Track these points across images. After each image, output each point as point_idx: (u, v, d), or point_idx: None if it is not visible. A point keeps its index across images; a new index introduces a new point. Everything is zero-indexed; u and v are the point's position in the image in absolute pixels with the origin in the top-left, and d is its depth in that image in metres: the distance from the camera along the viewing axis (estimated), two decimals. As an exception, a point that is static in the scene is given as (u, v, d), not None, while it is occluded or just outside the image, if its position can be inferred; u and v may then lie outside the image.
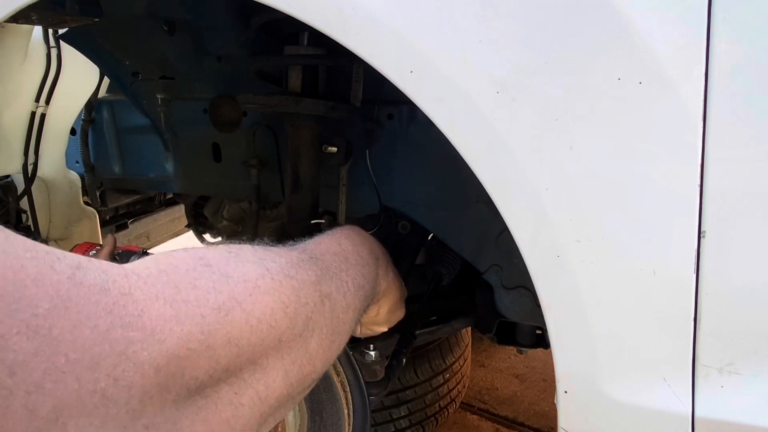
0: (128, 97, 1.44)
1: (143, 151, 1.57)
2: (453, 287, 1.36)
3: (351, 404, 0.83)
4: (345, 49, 0.65)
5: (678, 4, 0.54)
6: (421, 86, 0.62)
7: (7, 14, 0.86)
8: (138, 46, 1.26)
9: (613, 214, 0.59)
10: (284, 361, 0.46)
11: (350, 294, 0.57)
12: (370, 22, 0.63)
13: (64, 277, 0.31)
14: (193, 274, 0.41)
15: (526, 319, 1.14)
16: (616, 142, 0.57)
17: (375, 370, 0.93)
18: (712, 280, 0.57)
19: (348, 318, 0.57)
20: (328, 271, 0.56)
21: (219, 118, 1.33)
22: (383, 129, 1.16)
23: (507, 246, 1.03)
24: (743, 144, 0.55)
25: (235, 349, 0.40)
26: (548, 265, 0.62)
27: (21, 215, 1.61)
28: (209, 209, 1.84)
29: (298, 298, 0.48)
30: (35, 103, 1.54)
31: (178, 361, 0.36)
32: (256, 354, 0.43)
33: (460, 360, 1.89)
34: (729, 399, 0.59)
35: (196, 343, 0.37)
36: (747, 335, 0.58)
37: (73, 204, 1.76)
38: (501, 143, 0.61)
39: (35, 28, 1.46)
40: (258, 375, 0.43)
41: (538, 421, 2.15)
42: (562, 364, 0.65)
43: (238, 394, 0.41)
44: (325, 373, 0.82)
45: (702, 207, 0.56)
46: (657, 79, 0.55)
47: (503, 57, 0.59)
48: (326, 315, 0.52)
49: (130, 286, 0.35)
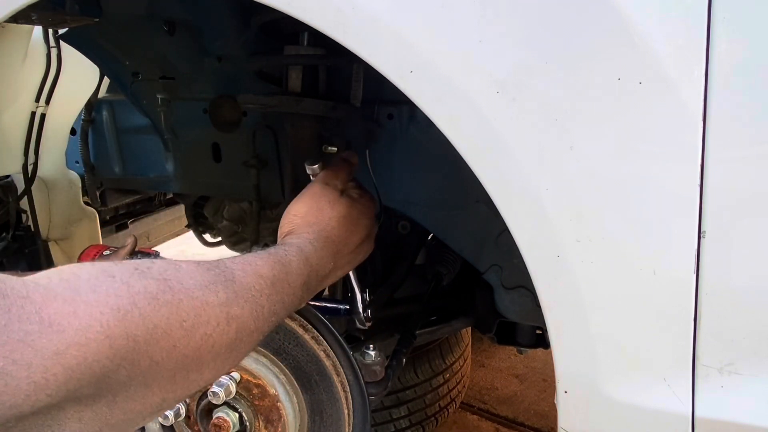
0: (128, 97, 1.44)
1: (143, 151, 1.57)
2: (453, 287, 1.36)
3: (351, 404, 0.83)
4: (345, 49, 0.64)
5: (678, 4, 0.54)
6: (421, 86, 0.62)
7: (7, 14, 0.86)
8: (138, 46, 1.26)
9: (613, 214, 0.59)
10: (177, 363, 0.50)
11: (261, 319, 0.60)
12: (370, 22, 0.63)
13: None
14: (94, 282, 0.45)
15: (526, 319, 1.14)
16: (616, 142, 0.57)
17: (375, 370, 0.93)
18: (712, 280, 0.57)
19: (252, 339, 0.60)
20: (245, 293, 0.59)
21: (219, 118, 1.33)
22: (383, 129, 1.16)
23: (507, 246, 1.03)
24: (743, 144, 0.55)
25: (132, 343, 0.45)
26: (548, 265, 0.62)
27: (21, 215, 1.61)
28: (209, 209, 1.84)
29: (197, 316, 0.51)
30: (35, 103, 1.54)
31: (78, 348, 0.40)
32: (150, 350, 0.47)
33: (460, 360, 1.89)
34: (729, 399, 0.59)
35: (94, 333, 0.42)
36: (747, 335, 0.58)
37: (73, 204, 1.76)
38: (501, 143, 0.61)
39: (35, 28, 1.45)
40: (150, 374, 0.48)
41: (538, 421, 2.15)
42: (562, 364, 0.65)
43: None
44: (325, 373, 0.82)
45: (702, 207, 0.56)
46: (657, 79, 0.55)
47: (503, 57, 0.59)
48: (230, 334, 0.55)
49: (28, 291, 0.40)
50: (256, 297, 0.60)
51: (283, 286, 0.65)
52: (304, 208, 0.81)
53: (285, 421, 0.84)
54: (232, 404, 0.84)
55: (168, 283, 0.50)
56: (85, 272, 0.46)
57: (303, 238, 0.75)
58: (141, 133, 1.54)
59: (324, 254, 0.76)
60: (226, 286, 0.57)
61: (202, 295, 0.53)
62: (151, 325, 0.47)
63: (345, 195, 0.85)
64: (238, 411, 0.84)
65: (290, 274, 0.67)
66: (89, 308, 0.43)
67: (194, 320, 0.51)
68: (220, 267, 0.59)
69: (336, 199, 0.83)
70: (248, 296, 0.59)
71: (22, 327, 0.38)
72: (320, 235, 0.77)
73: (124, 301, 0.45)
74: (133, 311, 0.45)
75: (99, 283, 0.45)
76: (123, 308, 0.45)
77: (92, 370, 0.42)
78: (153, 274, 0.50)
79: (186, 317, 0.50)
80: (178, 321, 0.49)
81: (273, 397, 0.84)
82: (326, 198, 0.82)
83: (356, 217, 0.84)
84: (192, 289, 0.52)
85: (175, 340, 0.49)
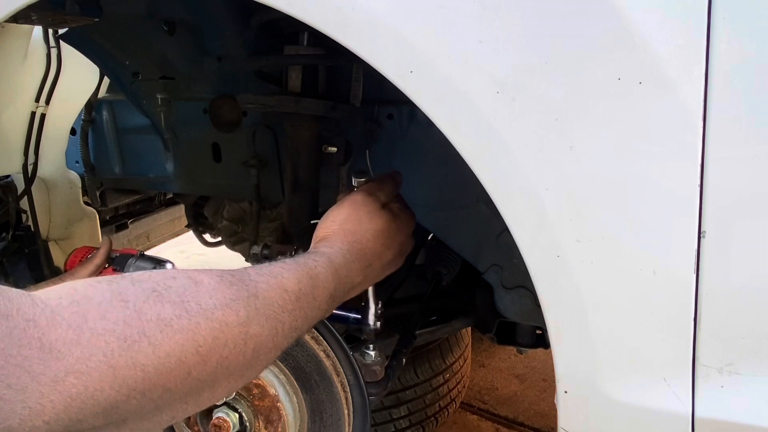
0: (128, 97, 1.44)
1: (143, 151, 1.57)
2: (453, 287, 1.36)
3: (351, 404, 0.83)
4: (345, 49, 0.64)
5: (678, 4, 0.54)
6: (422, 86, 0.62)
7: (7, 14, 0.86)
8: (138, 46, 1.26)
9: (613, 214, 0.59)
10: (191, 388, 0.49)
11: (280, 336, 0.58)
12: (370, 22, 0.63)
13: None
14: (105, 307, 0.44)
15: (526, 319, 1.14)
16: (616, 142, 0.57)
17: (375, 371, 0.93)
18: (712, 280, 0.57)
19: (269, 357, 0.58)
20: (267, 310, 0.56)
21: (219, 118, 1.33)
22: (383, 129, 1.16)
23: (507, 246, 1.03)
24: (743, 144, 0.55)
25: (141, 373, 0.43)
26: (548, 265, 0.62)
27: (21, 215, 1.61)
28: (209, 209, 1.84)
29: (215, 339, 0.50)
30: (35, 103, 1.54)
31: (77, 376, 0.40)
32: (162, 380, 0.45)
33: (460, 360, 1.89)
34: (729, 399, 0.59)
35: (95, 362, 0.41)
36: (747, 335, 0.58)
37: (73, 204, 1.76)
38: (501, 143, 0.61)
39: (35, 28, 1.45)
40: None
41: (538, 421, 2.15)
42: (562, 364, 0.65)
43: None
44: (325, 373, 0.82)
45: (702, 207, 0.56)
46: (657, 79, 0.55)
47: (503, 57, 0.59)
48: (247, 354, 0.54)
49: (35, 314, 0.39)
50: (278, 313, 0.58)
51: (308, 300, 0.63)
52: (342, 216, 0.78)
53: (285, 421, 0.84)
54: (232, 404, 0.84)
55: (185, 306, 0.49)
56: (99, 295, 0.45)
57: (336, 247, 0.73)
58: (141, 133, 1.54)
59: (355, 267, 0.73)
60: (247, 303, 0.54)
61: (222, 315, 0.51)
62: (163, 354, 0.45)
63: (386, 209, 0.82)
64: (238, 411, 0.84)
65: (317, 288, 0.64)
66: (94, 337, 0.41)
67: (211, 344, 0.49)
68: (244, 280, 0.56)
69: (376, 211, 0.80)
70: (269, 313, 0.57)
71: (21, 351, 0.38)
72: (354, 246, 0.74)
73: (133, 330, 0.44)
74: (141, 341, 0.44)
75: (110, 309, 0.44)
76: (130, 338, 0.43)
77: (95, 399, 0.41)
78: (171, 296, 0.49)
79: (203, 342, 0.49)
80: (193, 347, 0.48)
81: (273, 397, 0.84)
82: (366, 209, 0.79)
83: (393, 232, 0.81)
84: (211, 310, 0.50)
85: (189, 367, 0.48)
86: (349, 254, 0.73)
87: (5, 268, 1.56)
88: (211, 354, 0.49)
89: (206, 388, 0.51)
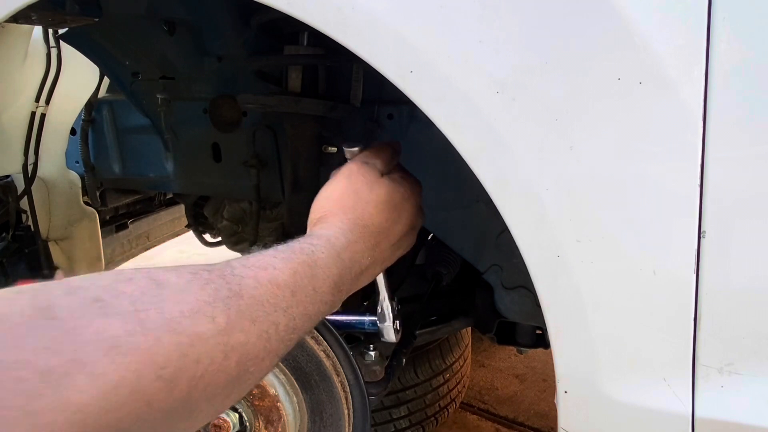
0: (128, 97, 1.44)
1: (143, 151, 1.57)
2: (453, 287, 1.36)
3: (351, 404, 0.83)
4: (345, 49, 0.64)
5: (678, 4, 0.54)
6: (421, 86, 0.62)
7: (7, 14, 0.86)
8: (138, 46, 1.26)
9: (613, 214, 0.59)
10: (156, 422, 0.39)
11: (274, 341, 0.47)
12: (370, 22, 0.63)
13: None
14: (21, 330, 0.33)
15: (526, 319, 1.14)
16: (616, 142, 0.57)
17: (375, 370, 0.93)
18: (712, 280, 0.57)
19: (261, 368, 0.48)
20: (254, 311, 0.46)
21: (219, 118, 1.33)
22: (383, 129, 1.16)
23: (507, 246, 1.03)
24: (743, 144, 0.55)
25: (76, 416, 0.33)
26: (548, 265, 0.62)
27: (21, 215, 1.61)
28: (209, 209, 1.84)
29: (182, 357, 0.39)
30: (35, 103, 1.54)
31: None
32: (110, 419, 0.35)
33: (460, 360, 1.89)
34: (729, 399, 0.59)
35: (5, 410, 0.30)
36: (747, 335, 0.58)
37: (73, 204, 1.76)
38: (501, 143, 0.60)
39: (35, 28, 1.46)
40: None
41: (538, 421, 2.15)
42: (562, 364, 0.65)
43: None
44: (325, 374, 0.82)
45: (702, 207, 0.56)
46: (657, 79, 0.55)
47: (503, 57, 0.59)
48: (229, 370, 0.43)
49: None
50: (270, 314, 0.47)
51: (306, 293, 0.52)
52: (337, 191, 0.68)
53: (285, 421, 0.84)
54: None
55: (140, 317, 0.38)
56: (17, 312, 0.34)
57: (335, 227, 0.62)
58: (141, 133, 1.54)
59: (359, 248, 0.63)
60: (227, 304, 0.43)
61: (191, 325, 0.40)
62: (109, 386, 0.34)
63: (386, 177, 0.71)
64: (238, 411, 0.84)
65: (316, 278, 0.54)
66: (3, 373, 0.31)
67: (178, 363, 0.38)
68: (225, 276, 0.46)
69: (375, 180, 0.69)
70: (258, 314, 0.46)
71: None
72: (356, 223, 0.64)
73: (63, 360, 0.33)
74: (74, 372, 0.33)
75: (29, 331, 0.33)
76: (57, 371, 0.32)
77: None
78: (121, 306, 0.37)
79: (165, 362, 0.37)
80: (153, 371, 0.37)
81: (273, 397, 0.84)
82: (364, 179, 0.68)
83: (399, 201, 0.70)
84: (177, 320, 0.39)
85: (149, 397, 0.37)
86: (351, 233, 0.63)
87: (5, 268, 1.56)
88: (178, 377, 0.38)
89: (180, 419, 0.40)
